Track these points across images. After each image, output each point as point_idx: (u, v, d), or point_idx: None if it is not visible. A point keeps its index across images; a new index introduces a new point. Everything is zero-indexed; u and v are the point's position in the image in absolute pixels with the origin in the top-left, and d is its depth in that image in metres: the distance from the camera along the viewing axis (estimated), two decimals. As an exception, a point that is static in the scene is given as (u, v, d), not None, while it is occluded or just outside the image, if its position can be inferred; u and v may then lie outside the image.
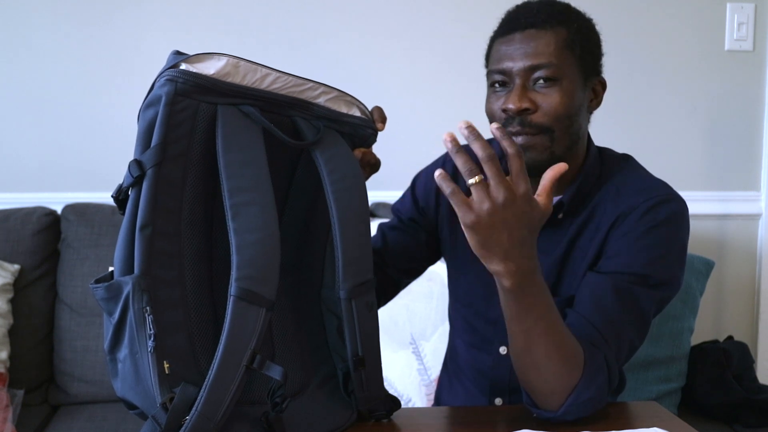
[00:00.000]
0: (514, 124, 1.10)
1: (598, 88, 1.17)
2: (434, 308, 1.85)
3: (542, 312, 0.96)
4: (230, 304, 0.83)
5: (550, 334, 0.97)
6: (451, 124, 2.29)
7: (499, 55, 1.13)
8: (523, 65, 1.09)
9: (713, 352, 2.00)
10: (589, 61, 1.13)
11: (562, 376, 0.98)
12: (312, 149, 0.96)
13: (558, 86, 1.09)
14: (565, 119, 1.10)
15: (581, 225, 1.16)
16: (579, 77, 1.12)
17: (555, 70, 1.09)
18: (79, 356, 1.93)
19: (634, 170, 1.19)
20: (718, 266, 2.21)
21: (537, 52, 1.09)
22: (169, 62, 0.89)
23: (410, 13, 2.17)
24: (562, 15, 1.12)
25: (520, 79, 1.10)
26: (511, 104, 1.09)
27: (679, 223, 1.13)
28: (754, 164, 2.32)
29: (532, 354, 0.98)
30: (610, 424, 1.03)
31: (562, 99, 1.09)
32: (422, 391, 1.79)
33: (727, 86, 2.28)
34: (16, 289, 1.92)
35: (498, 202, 0.87)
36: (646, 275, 1.09)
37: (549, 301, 0.97)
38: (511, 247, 0.89)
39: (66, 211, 2.00)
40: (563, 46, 1.10)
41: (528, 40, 1.10)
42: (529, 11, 1.12)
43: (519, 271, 0.91)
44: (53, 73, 2.10)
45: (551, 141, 1.10)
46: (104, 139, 2.12)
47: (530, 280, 0.93)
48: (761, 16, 2.26)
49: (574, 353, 0.99)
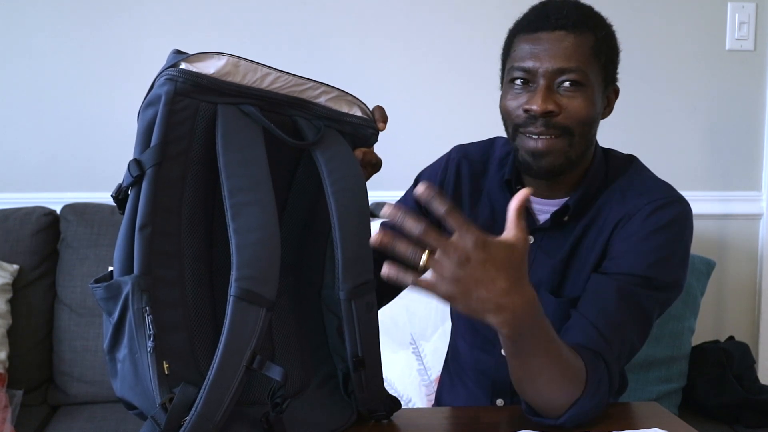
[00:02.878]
0: (537, 125, 1.08)
1: (612, 96, 1.17)
2: (434, 308, 1.84)
3: (544, 348, 0.93)
4: (230, 304, 0.83)
5: (552, 365, 0.95)
6: (453, 123, 2.29)
7: (523, 52, 1.10)
8: (550, 67, 1.07)
9: (714, 352, 2.00)
10: (610, 69, 1.13)
11: (563, 394, 0.97)
12: (312, 149, 0.96)
13: (583, 91, 1.08)
14: (586, 125, 1.10)
15: (586, 226, 1.16)
16: (600, 85, 1.12)
17: (582, 75, 1.08)
18: (79, 356, 1.92)
19: (639, 172, 1.19)
20: (719, 266, 2.21)
21: (566, 55, 1.07)
22: (169, 61, 0.88)
23: (411, 13, 2.16)
24: (590, 20, 1.11)
25: (546, 80, 1.08)
26: (536, 106, 1.07)
27: (683, 225, 1.13)
28: (755, 164, 2.32)
29: (533, 383, 0.97)
30: (611, 424, 1.03)
31: (586, 104, 1.09)
32: (422, 391, 1.79)
33: (728, 86, 2.28)
34: (16, 290, 1.92)
35: (463, 260, 0.80)
36: (650, 277, 1.08)
37: (550, 335, 0.93)
38: (500, 297, 0.83)
39: (65, 211, 2.00)
40: (591, 53, 1.09)
41: (557, 41, 1.07)
42: (559, 11, 1.10)
43: (514, 316, 0.85)
44: (53, 73, 2.10)
45: (570, 145, 1.10)
46: (103, 139, 2.12)
47: (529, 322, 0.88)
48: (762, 15, 2.26)
49: (576, 374, 0.97)
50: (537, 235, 1.18)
